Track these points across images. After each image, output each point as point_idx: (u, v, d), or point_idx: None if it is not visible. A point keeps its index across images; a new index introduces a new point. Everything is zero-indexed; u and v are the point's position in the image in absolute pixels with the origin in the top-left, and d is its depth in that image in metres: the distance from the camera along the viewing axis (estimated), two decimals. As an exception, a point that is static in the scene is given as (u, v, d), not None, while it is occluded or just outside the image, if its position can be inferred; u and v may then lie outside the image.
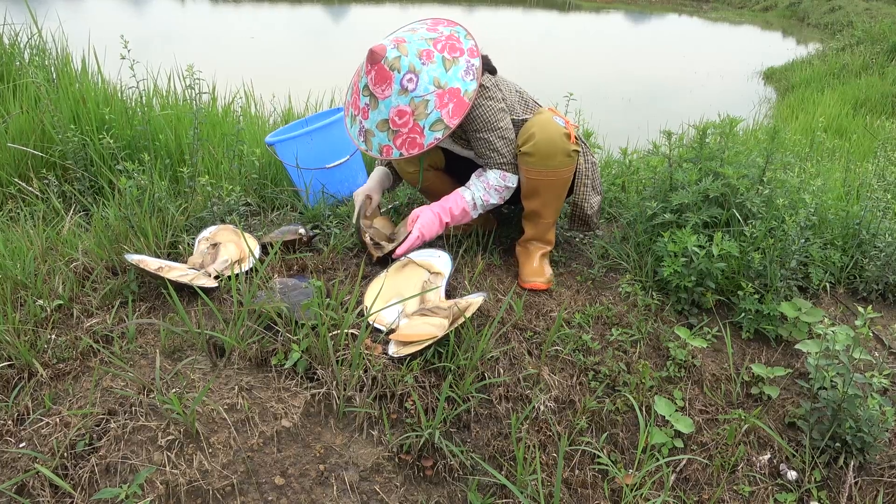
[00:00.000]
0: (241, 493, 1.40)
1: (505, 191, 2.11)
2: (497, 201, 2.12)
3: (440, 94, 1.90)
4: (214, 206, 2.33)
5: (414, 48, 1.91)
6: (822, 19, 15.83)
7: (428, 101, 1.90)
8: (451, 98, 1.90)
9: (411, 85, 1.89)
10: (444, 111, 1.90)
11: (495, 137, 2.04)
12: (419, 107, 1.90)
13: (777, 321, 2.05)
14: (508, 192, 2.13)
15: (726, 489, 1.67)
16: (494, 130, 2.03)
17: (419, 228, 2.03)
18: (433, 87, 1.89)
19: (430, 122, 1.91)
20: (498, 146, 2.05)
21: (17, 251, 1.99)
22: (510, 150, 2.07)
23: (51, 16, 3.91)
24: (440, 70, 1.91)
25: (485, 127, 2.02)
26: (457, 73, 1.92)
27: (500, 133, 2.04)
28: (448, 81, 1.91)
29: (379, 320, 1.83)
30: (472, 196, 2.09)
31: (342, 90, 4.36)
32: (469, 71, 1.94)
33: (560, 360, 1.87)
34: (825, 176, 2.78)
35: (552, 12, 19.00)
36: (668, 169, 2.30)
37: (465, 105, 1.92)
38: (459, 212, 2.09)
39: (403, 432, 1.58)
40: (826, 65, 9.44)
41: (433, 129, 1.91)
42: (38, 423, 1.49)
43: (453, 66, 1.92)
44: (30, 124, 2.72)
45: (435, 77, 1.90)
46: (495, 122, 2.02)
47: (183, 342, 1.72)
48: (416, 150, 1.94)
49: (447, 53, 1.93)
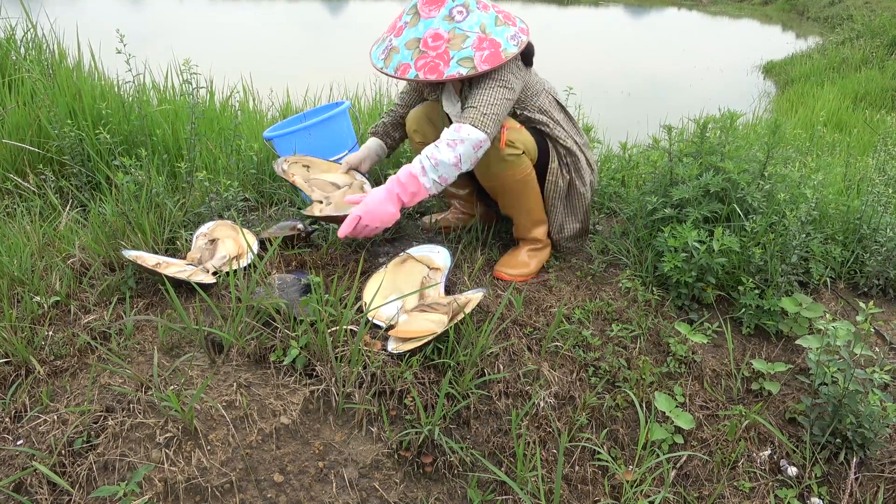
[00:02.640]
0: (239, 491, 1.39)
1: (459, 144, 1.81)
2: (450, 159, 1.81)
3: (481, 38, 1.89)
4: (212, 202, 2.31)
5: None
6: (822, 13, 15.78)
7: (468, 37, 1.88)
8: (490, 46, 1.88)
9: (460, 16, 1.90)
10: (479, 54, 1.87)
11: (490, 90, 1.89)
12: (457, 38, 1.88)
13: (778, 316, 2.05)
14: (467, 149, 1.82)
15: (727, 485, 1.66)
16: (503, 86, 1.91)
17: (361, 209, 1.83)
18: (478, 30, 1.89)
19: (461, 56, 1.87)
20: (485, 97, 1.88)
21: (13, 247, 1.97)
22: (494, 111, 1.86)
23: (49, 10, 3.89)
24: (491, 21, 1.92)
25: (492, 79, 1.91)
26: (504, 32, 1.92)
27: (500, 93, 1.89)
28: (493, 33, 1.90)
29: (378, 316, 1.82)
30: (422, 157, 1.83)
31: (340, 84, 4.35)
32: (516, 37, 1.93)
33: (560, 356, 1.86)
34: (826, 170, 2.76)
35: (551, 6, 18.92)
36: (668, 164, 2.29)
37: (500, 59, 1.88)
38: (407, 179, 1.83)
39: (403, 429, 1.58)
40: (826, 59, 9.41)
41: (461, 63, 1.87)
42: (36, 420, 1.49)
43: (504, 26, 1.93)
44: (26, 119, 2.70)
45: (483, 23, 1.90)
46: (507, 82, 1.92)
47: (181, 339, 1.71)
48: (434, 77, 1.86)
49: (502, 16, 1.95)
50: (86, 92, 2.84)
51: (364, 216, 1.83)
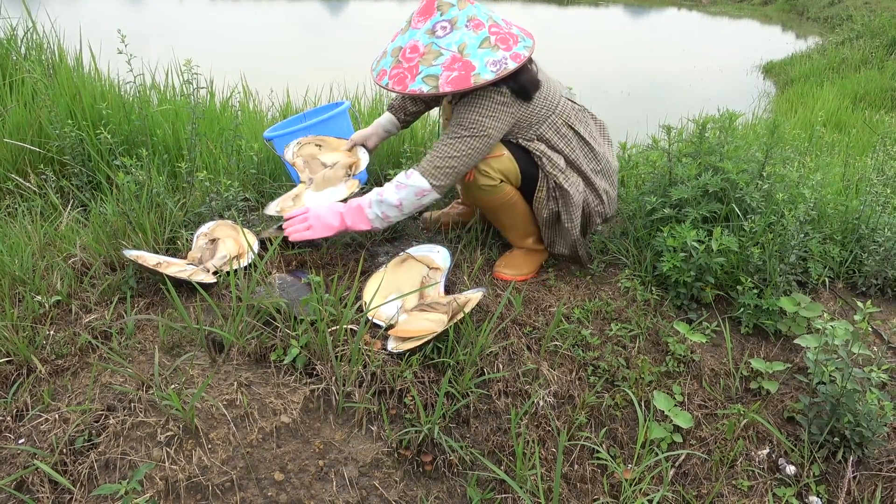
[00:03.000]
0: (240, 489, 1.40)
1: (404, 189, 1.88)
2: (393, 199, 1.89)
3: (455, 58, 1.82)
4: (212, 202, 2.32)
5: (471, 11, 1.85)
6: (822, 13, 15.79)
7: (441, 55, 1.83)
8: (461, 68, 1.81)
9: (441, 32, 1.84)
10: (446, 74, 1.81)
11: (457, 139, 1.87)
12: (431, 54, 1.83)
13: (776, 316, 2.05)
14: (409, 195, 1.89)
15: (725, 484, 1.67)
16: (471, 134, 1.87)
17: (314, 208, 1.94)
18: (455, 49, 1.82)
19: (428, 73, 1.83)
20: (446, 146, 1.88)
21: (14, 247, 1.98)
22: (451, 164, 1.87)
23: (49, 10, 3.89)
24: (474, 41, 1.83)
25: (463, 127, 1.88)
26: (486, 55, 1.82)
27: (467, 144, 1.87)
28: (471, 55, 1.81)
29: (378, 316, 1.82)
30: (375, 190, 1.93)
31: (340, 84, 4.35)
32: (498, 64, 1.82)
33: (559, 355, 1.87)
34: (824, 170, 2.77)
35: (551, 6, 18.93)
36: (667, 164, 2.30)
37: (467, 83, 1.80)
38: (356, 206, 1.93)
39: (403, 428, 1.58)
40: (825, 59, 9.42)
41: (425, 80, 1.83)
42: (37, 419, 1.49)
43: (489, 49, 1.83)
44: (26, 119, 2.71)
45: (465, 43, 1.82)
46: (479, 130, 1.87)
47: (182, 338, 1.72)
48: (399, 89, 1.85)
49: (494, 39, 1.85)
50: (86, 92, 2.84)
51: (311, 214, 1.94)
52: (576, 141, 2.04)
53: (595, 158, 2.08)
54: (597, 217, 2.14)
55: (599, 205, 2.12)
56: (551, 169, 1.97)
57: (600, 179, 2.11)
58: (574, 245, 2.13)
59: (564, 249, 2.15)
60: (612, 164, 2.16)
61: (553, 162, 1.98)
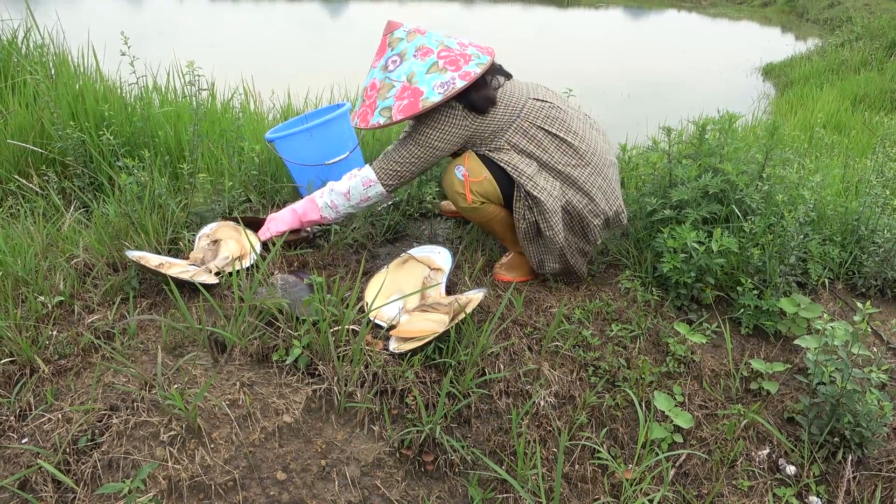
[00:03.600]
0: (242, 488, 1.41)
1: (353, 179, 2.04)
2: (342, 188, 2.05)
3: (404, 87, 1.91)
4: (214, 204, 2.33)
5: (420, 41, 1.94)
6: (822, 15, 15.81)
7: (393, 87, 1.93)
8: (410, 95, 1.90)
9: (392, 66, 1.95)
10: (398, 103, 1.91)
11: (403, 147, 2.00)
12: (384, 87, 1.94)
13: (776, 317, 2.06)
14: (356, 184, 2.03)
15: (725, 484, 1.67)
16: (416, 143, 1.98)
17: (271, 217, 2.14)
18: (404, 79, 1.92)
19: (383, 105, 1.93)
20: (395, 151, 2.02)
21: (17, 248, 1.99)
22: (398, 167, 2.00)
23: (49, 12, 3.90)
24: (421, 69, 1.91)
25: (412, 137, 1.99)
26: (433, 80, 1.89)
27: (413, 152, 1.99)
28: (419, 81, 1.90)
29: (380, 316, 1.83)
30: (324, 188, 2.10)
31: (341, 86, 4.36)
32: (445, 85, 1.87)
33: (560, 355, 1.87)
34: (824, 172, 2.78)
35: (551, 7, 18.95)
36: (667, 165, 2.31)
37: (416, 108, 1.88)
38: (307, 199, 2.11)
39: (404, 427, 1.59)
40: (825, 61, 9.42)
41: (381, 113, 1.93)
42: (41, 418, 1.50)
43: (437, 73, 1.89)
44: (29, 121, 2.72)
45: (413, 71, 1.91)
46: (424, 140, 1.97)
47: (184, 338, 1.73)
48: (364, 125, 1.97)
49: (443, 62, 1.91)
50: (88, 93, 2.85)
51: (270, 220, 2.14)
52: (548, 141, 1.98)
53: (576, 154, 1.99)
54: (592, 218, 2.01)
55: (590, 203, 2.00)
56: (520, 178, 1.95)
57: (587, 174, 2.00)
58: (562, 255, 2.05)
59: (555, 264, 2.09)
60: (601, 156, 2.05)
61: (523, 172, 1.95)
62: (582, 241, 2.08)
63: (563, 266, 2.10)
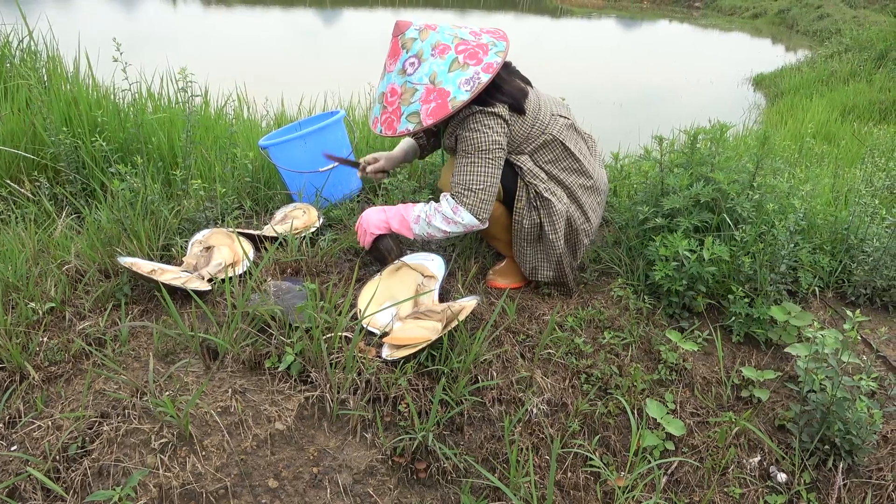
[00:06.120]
0: (234, 496, 1.40)
1: (453, 225, 1.94)
2: (441, 231, 1.95)
3: (429, 90, 1.85)
4: (207, 210, 2.32)
5: (434, 38, 1.88)
6: (811, 27, 15.99)
7: (416, 91, 1.87)
8: (437, 97, 1.84)
9: (411, 69, 1.88)
10: (426, 107, 1.85)
11: (478, 164, 1.90)
12: (407, 92, 1.88)
13: (767, 325, 2.07)
14: (456, 230, 1.95)
15: (717, 491, 1.68)
16: (480, 156, 1.90)
17: (363, 221, 2.07)
18: (427, 81, 1.86)
19: (410, 111, 1.88)
20: (472, 176, 1.90)
21: (8, 253, 1.98)
22: (489, 193, 1.91)
23: (41, 17, 3.89)
24: (443, 67, 1.85)
25: (481, 150, 1.90)
26: (457, 77, 1.84)
27: (490, 167, 1.90)
28: (443, 81, 1.84)
29: (373, 323, 1.83)
30: (422, 210, 1.98)
31: (335, 93, 4.37)
32: (471, 81, 1.84)
33: (553, 363, 1.88)
34: (814, 181, 2.81)
35: (544, 17, 19.09)
36: (659, 174, 2.32)
37: (446, 109, 1.83)
38: (403, 218, 2.00)
39: (397, 435, 1.59)
40: (815, 72, 9.53)
41: (409, 119, 1.88)
42: (30, 425, 1.49)
43: (459, 69, 1.85)
44: (21, 126, 2.71)
45: (434, 72, 1.85)
46: (487, 149, 1.90)
47: (176, 345, 1.72)
48: (390, 133, 1.92)
49: (462, 57, 1.86)
50: (81, 99, 2.85)
51: (362, 219, 2.08)
52: (563, 156, 2.04)
53: (584, 174, 2.06)
54: (584, 237, 2.08)
55: (585, 223, 2.08)
56: (531, 179, 1.98)
57: (588, 196, 2.08)
58: (559, 263, 2.06)
59: (549, 271, 2.09)
60: (602, 180, 2.14)
61: (534, 173, 1.99)
62: (570, 256, 2.11)
63: (557, 275, 2.10)
